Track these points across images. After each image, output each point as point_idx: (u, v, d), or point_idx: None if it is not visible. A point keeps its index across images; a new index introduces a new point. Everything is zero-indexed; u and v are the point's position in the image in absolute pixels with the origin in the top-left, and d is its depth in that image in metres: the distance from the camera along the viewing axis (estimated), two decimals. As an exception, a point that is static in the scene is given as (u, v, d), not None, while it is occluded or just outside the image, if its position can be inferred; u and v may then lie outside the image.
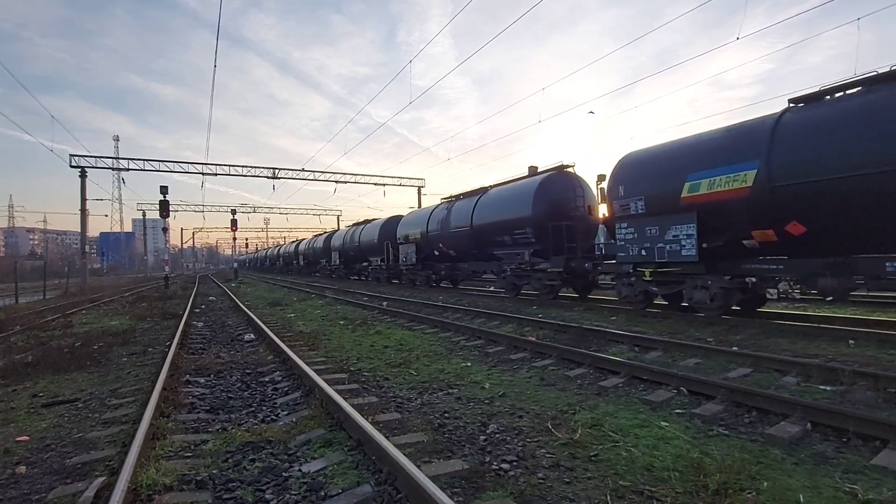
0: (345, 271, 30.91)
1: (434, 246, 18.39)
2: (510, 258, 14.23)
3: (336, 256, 31.36)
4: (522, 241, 13.54)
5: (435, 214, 18.62)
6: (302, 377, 5.29)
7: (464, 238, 16.20)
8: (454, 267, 17.97)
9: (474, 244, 15.75)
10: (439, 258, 18.50)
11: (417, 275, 20.25)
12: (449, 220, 17.26)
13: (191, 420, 4.27)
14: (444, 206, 18.29)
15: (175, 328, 9.87)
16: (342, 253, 30.18)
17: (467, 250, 16.44)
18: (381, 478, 2.86)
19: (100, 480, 3.05)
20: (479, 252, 15.69)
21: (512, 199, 14.06)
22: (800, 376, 4.92)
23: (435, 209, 18.99)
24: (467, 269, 17.24)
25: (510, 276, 14.28)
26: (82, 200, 31.02)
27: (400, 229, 21.67)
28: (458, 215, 16.74)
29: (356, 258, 28.19)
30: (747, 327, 7.81)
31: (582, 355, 5.96)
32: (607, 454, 3.25)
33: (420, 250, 19.59)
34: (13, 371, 6.61)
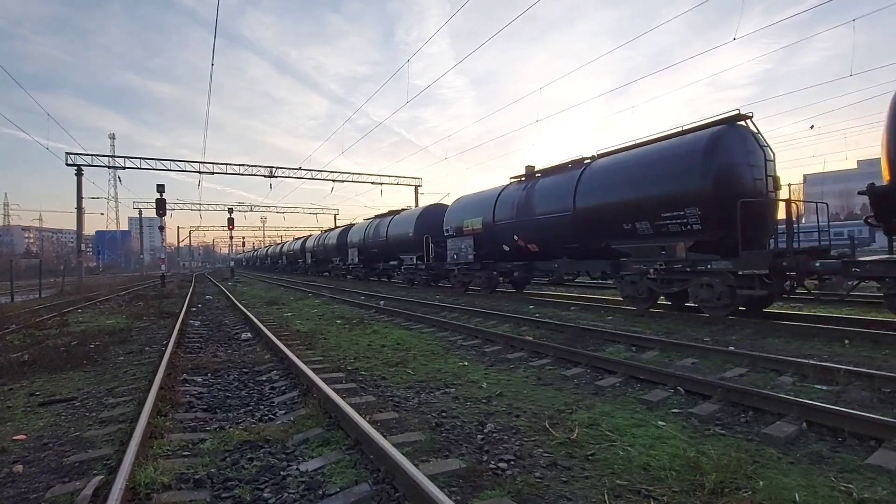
0: (365, 272, 27.01)
1: (504, 239, 14.17)
2: (646, 254, 9.90)
3: (354, 254, 27.41)
4: (675, 230, 9.21)
5: (505, 197, 14.38)
6: (299, 376, 5.29)
7: (557, 227, 12.05)
8: (530, 266, 13.89)
9: (575, 235, 11.58)
10: (510, 255, 14.39)
11: (474, 276, 16.10)
12: (530, 204, 13.10)
13: (188, 419, 4.26)
14: (520, 186, 14.03)
15: (172, 327, 9.85)
16: (362, 250, 26.09)
17: (560, 244, 12.28)
18: (378, 476, 2.87)
19: (98, 479, 3.05)
20: (584, 246, 11.58)
21: (657, 168, 9.47)
22: (796, 376, 4.95)
23: (504, 191, 14.69)
24: (557, 269, 12.80)
25: (646, 281, 9.90)
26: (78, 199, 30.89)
27: (449, 219, 17.22)
28: (546, 196, 12.60)
29: (381, 256, 24.05)
30: (744, 327, 7.85)
31: (579, 355, 5.98)
32: (604, 453, 3.27)
33: (480, 245, 15.41)
34: (9, 370, 6.58)
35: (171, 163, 32.85)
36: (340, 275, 32.05)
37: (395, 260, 22.69)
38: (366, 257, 26.11)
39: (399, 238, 21.65)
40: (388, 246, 22.85)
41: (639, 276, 10.10)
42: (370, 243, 25.01)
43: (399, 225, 22.09)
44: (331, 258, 33.10)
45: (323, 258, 35.28)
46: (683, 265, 9.19)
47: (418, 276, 20.64)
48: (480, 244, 15.51)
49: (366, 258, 26.15)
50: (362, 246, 26.15)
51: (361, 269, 27.44)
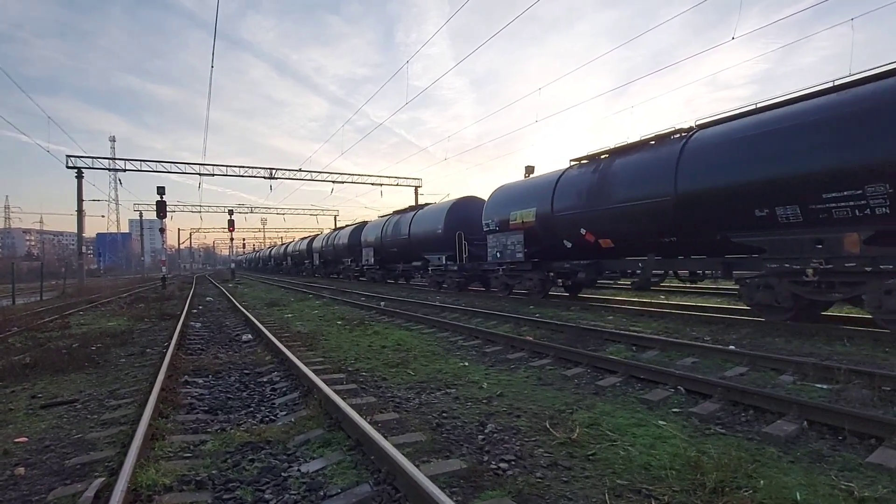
0: (381, 273, 24.82)
1: (566, 233, 11.81)
2: (790, 249, 7.54)
3: (369, 254, 25.05)
4: (842, 215, 6.91)
5: (568, 183, 11.88)
6: (300, 377, 5.29)
7: (647, 217, 9.55)
8: (598, 266, 11.55)
9: (674, 226, 9.18)
10: (572, 252, 12.11)
11: (523, 277, 13.60)
12: (606, 190, 10.59)
13: (190, 420, 4.27)
14: (588, 169, 11.48)
15: (173, 329, 9.86)
16: (379, 249, 23.91)
17: (648, 237, 9.86)
18: (379, 477, 2.87)
19: (99, 481, 3.05)
20: (685, 239, 9.25)
21: (819, 133, 7.01)
22: (796, 375, 4.95)
23: (566, 175, 12.14)
24: (643, 269, 10.15)
25: (789, 285, 7.55)
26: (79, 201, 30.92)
27: (490, 211, 14.87)
28: (630, 179, 10.04)
29: (401, 256, 21.97)
30: (743, 326, 7.85)
31: (579, 355, 5.98)
32: (605, 453, 3.27)
33: (533, 240, 13.05)
34: (11, 372, 6.59)
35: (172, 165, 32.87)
36: (352, 277, 29.99)
37: (418, 260, 20.44)
38: (382, 257, 23.97)
39: (425, 235, 19.17)
40: (410, 245, 20.53)
41: (777, 277, 7.71)
42: (388, 242, 22.72)
43: (425, 221, 19.47)
44: (341, 259, 31.12)
45: (332, 259, 33.37)
46: (859, 263, 6.74)
47: (448, 278, 18.06)
48: (532, 240, 13.05)
49: (383, 258, 24.01)
50: (379, 245, 23.89)
51: (377, 270, 24.96)
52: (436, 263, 18.73)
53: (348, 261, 29.90)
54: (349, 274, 30.40)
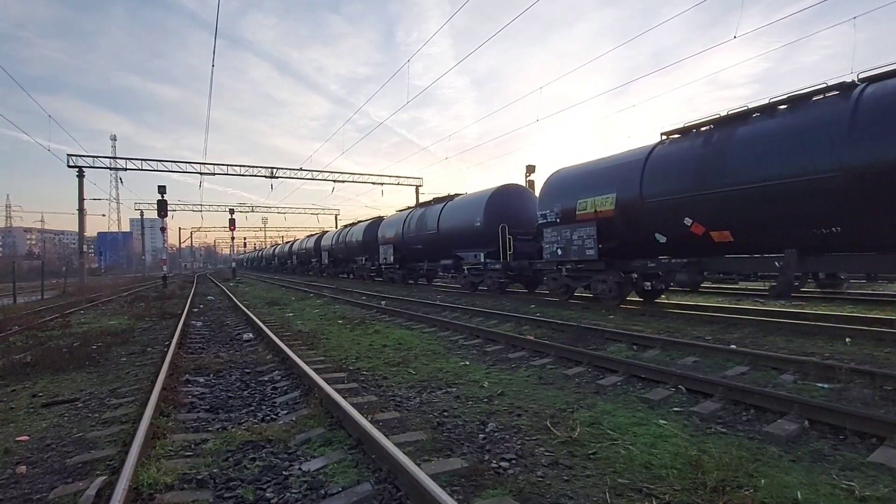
0: (402, 273, 22.14)
1: (661, 223, 9.44)
2: None
3: (387, 252, 22.46)
4: None
5: (664, 160, 9.45)
6: (301, 376, 5.30)
7: (797, 201, 7.40)
8: (700, 265, 9.22)
9: (840, 210, 7.08)
10: (665, 247, 9.69)
11: (593, 278, 11.24)
12: (725, 167, 8.30)
13: (191, 419, 4.27)
14: (694, 142, 9.06)
15: (174, 328, 9.87)
16: (400, 247, 21.48)
17: (792, 227, 7.71)
18: (381, 476, 2.88)
19: (101, 479, 3.06)
20: (861, 229, 7.07)
21: None
22: (797, 374, 4.95)
23: (658, 151, 9.75)
24: (783, 270, 7.89)
25: None
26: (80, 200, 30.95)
27: (548, 199, 12.47)
28: (765, 152, 7.79)
29: (427, 253, 19.39)
30: (745, 325, 7.84)
31: (580, 354, 5.98)
32: (606, 452, 3.27)
33: (608, 234, 10.64)
34: (12, 371, 6.60)
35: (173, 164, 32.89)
36: (366, 277, 27.44)
37: (448, 258, 17.82)
38: (403, 255, 21.51)
39: (459, 229, 16.82)
40: (439, 241, 18.09)
41: None
42: (411, 238, 20.26)
43: (459, 213, 17.06)
44: (354, 257, 28.53)
45: (344, 257, 30.86)
46: None
47: (487, 278, 15.66)
48: (609, 233, 10.65)
49: (404, 257, 21.56)
50: (399, 242, 21.38)
51: (397, 269, 22.37)
52: (472, 262, 16.25)
53: (362, 259, 27.35)
54: (363, 274, 27.96)
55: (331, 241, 34.04)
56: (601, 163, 11.56)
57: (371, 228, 26.24)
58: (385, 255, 23.05)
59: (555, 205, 12.29)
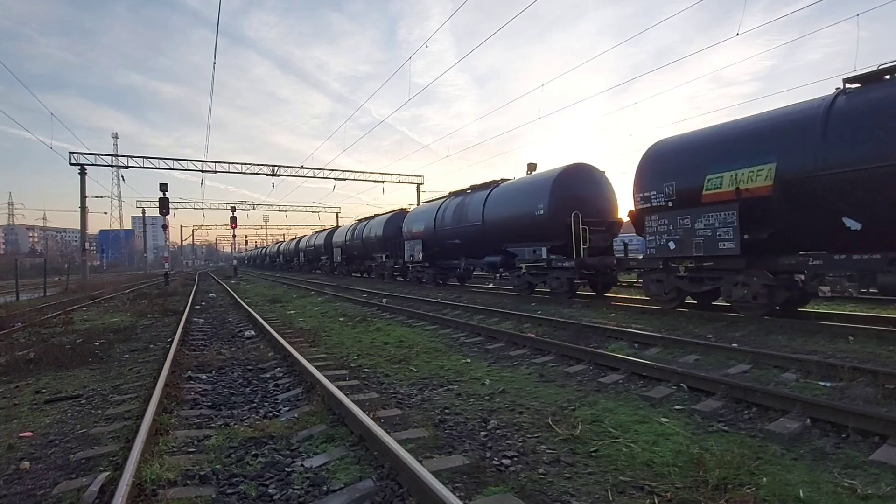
0: (433, 273, 19.27)
1: (851, 205, 6.95)
2: None
3: (415, 248, 19.67)
4: None
5: (853, 113, 6.93)
6: (303, 373, 5.31)
7: None
8: None
9: None
10: (859, 237, 6.96)
11: (724, 279, 8.57)
12: None
13: (193, 416, 4.29)
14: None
15: (176, 325, 9.89)
16: (433, 242, 18.47)
17: None
18: (382, 473, 2.88)
19: (104, 475, 3.07)
20: None
21: None
22: (799, 372, 4.94)
23: (843, 100, 7.18)
24: None
25: None
26: (82, 198, 30.99)
27: (648, 179, 9.80)
28: None
29: (467, 249, 16.56)
30: (747, 324, 7.83)
31: (581, 352, 5.98)
32: (607, 450, 3.27)
33: (756, 220, 7.99)
34: (16, 367, 6.63)
35: (174, 162, 32.92)
36: (387, 276, 24.31)
37: (495, 254, 14.81)
38: (435, 252, 18.69)
39: (512, 220, 13.87)
40: (484, 234, 15.07)
41: None
42: (446, 232, 17.23)
43: (512, 199, 14.09)
44: (372, 254, 25.76)
45: (360, 254, 28.07)
46: None
47: (553, 278, 12.46)
48: (760, 218, 7.99)
49: (435, 253, 18.74)
50: (431, 236, 18.42)
51: (427, 268, 19.52)
52: (530, 258, 13.26)
53: (382, 257, 24.38)
54: (382, 272, 24.86)
55: (344, 237, 30.57)
56: (745, 124, 8.47)
57: (393, 222, 23.33)
58: (412, 251, 19.97)
59: (664, 184, 9.37)
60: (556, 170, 13.30)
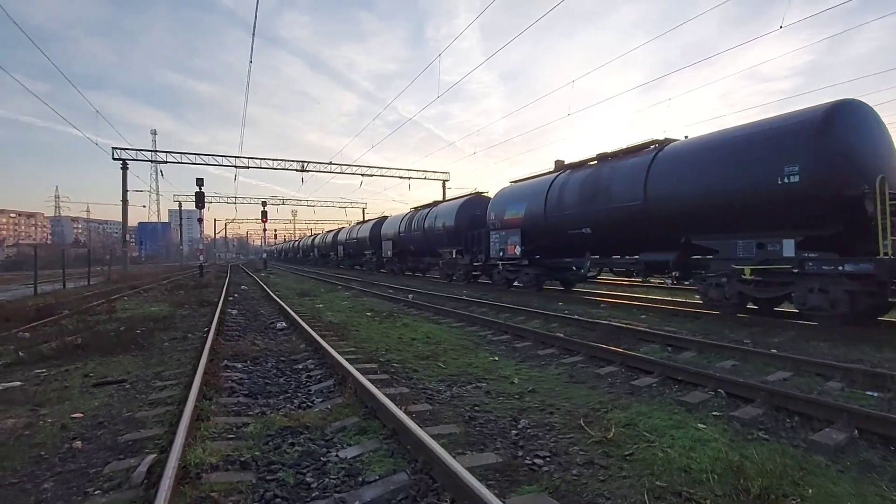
0: (535, 274, 14.21)
1: None
2: None
3: (507, 241, 14.73)
4: None
5: None
6: (334, 366, 5.41)
7: None
8: None
9: None
10: None
11: None
12: None
13: (231, 403, 4.43)
14: None
15: (211, 315, 10.23)
16: (534, 233, 13.75)
17: None
18: (416, 467, 2.92)
19: (151, 457, 3.22)
20: None
21: None
22: (844, 381, 4.74)
23: None
24: None
25: None
26: (123, 191, 32.29)
27: None
28: None
29: (599, 241, 11.83)
30: (786, 329, 7.55)
31: (612, 353, 5.89)
32: (642, 454, 3.22)
33: None
34: (65, 352, 6.99)
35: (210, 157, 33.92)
36: (457, 276, 19.40)
37: (664, 250, 10.05)
38: (541, 246, 13.80)
39: (729, 192, 8.41)
40: (647, 217, 10.06)
41: None
42: (568, 217, 12.32)
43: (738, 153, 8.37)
44: (439, 249, 20.43)
45: (419, 249, 22.94)
46: None
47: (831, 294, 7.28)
48: None
49: (541, 248, 13.85)
50: (537, 225, 13.50)
51: (528, 268, 14.33)
52: (750, 256, 8.39)
53: (451, 252, 19.19)
54: (452, 272, 19.72)
55: (397, 228, 25.05)
56: None
57: (468, 209, 18.75)
58: (502, 244, 15.19)
59: None
60: (813, 109, 7.78)
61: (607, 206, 11.07)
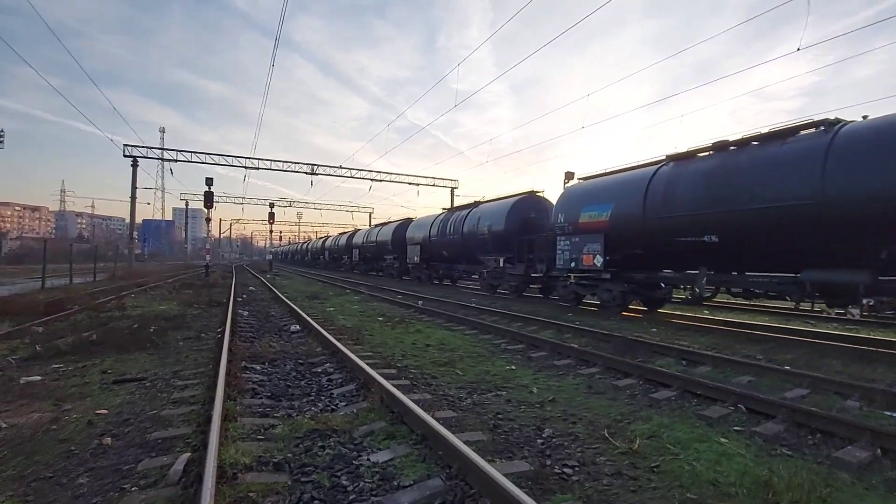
0: (621, 292, 11.18)
1: None
2: None
3: (591, 249, 11.60)
4: None
5: None
6: (354, 370, 5.46)
7: None
8: None
9: None
10: None
11: None
12: None
13: (256, 405, 4.48)
14: None
15: (223, 315, 10.28)
16: (631, 240, 10.62)
17: None
18: (451, 472, 2.96)
19: (185, 456, 3.26)
20: None
21: None
22: (862, 400, 4.77)
23: None
24: None
25: None
26: (132, 188, 32.50)
27: None
28: None
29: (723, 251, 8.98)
30: (798, 347, 7.57)
31: (630, 365, 5.93)
32: (669, 466, 3.26)
33: None
34: (81, 347, 7.05)
35: (220, 157, 34.13)
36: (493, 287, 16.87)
37: (850, 269, 7.31)
38: (631, 256, 10.81)
39: None
40: None
41: None
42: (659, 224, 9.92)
43: None
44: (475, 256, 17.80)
45: (449, 255, 20.35)
46: None
47: None
48: None
49: (631, 258, 10.83)
50: (621, 228, 10.82)
51: (609, 286, 11.36)
52: None
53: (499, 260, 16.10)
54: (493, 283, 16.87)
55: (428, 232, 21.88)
56: None
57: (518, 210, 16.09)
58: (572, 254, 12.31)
59: None
60: None
61: (749, 205, 8.41)
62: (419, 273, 23.88)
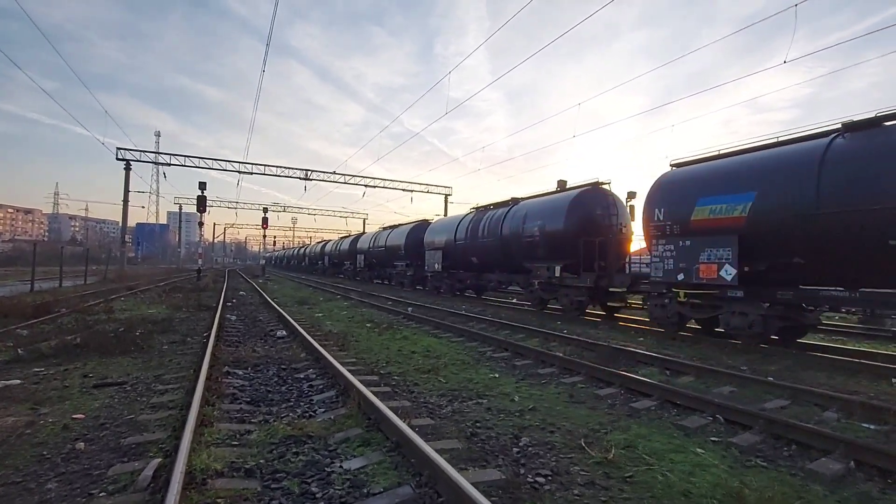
0: (761, 317, 7.93)
1: None
2: None
3: (712, 256, 8.52)
4: None
5: None
6: (336, 376, 5.43)
7: None
8: None
9: None
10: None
11: None
12: None
13: (234, 410, 4.45)
14: None
15: (210, 320, 10.22)
16: (785, 244, 7.60)
17: None
18: (421, 480, 2.95)
19: (156, 461, 3.23)
20: None
21: None
22: (841, 412, 4.79)
23: None
24: None
25: None
26: (125, 192, 32.33)
27: None
28: None
29: None
30: (782, 358, 7.61)
31: (612, 375, 5.93)
32: (643, 476, 3.26)
33: None
34: (64, 350, 6.99)
35: (214, 162, 34.08)
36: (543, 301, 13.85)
37: None
38: (781, 266, 7.91)
39: None
40: None
41: None
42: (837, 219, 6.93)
43: None
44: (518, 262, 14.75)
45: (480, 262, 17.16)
46: None
47: None
48: None
49: (781, 268, 7.95)
50: (765, 228, 7.82)
51: (742, 307, 8.28)
52: None
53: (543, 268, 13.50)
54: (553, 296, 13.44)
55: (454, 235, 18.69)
56: None
57: (579, 208, 12.82)
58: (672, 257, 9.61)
59: None
60: None
61: None
62: (438, 283, 20.13)
